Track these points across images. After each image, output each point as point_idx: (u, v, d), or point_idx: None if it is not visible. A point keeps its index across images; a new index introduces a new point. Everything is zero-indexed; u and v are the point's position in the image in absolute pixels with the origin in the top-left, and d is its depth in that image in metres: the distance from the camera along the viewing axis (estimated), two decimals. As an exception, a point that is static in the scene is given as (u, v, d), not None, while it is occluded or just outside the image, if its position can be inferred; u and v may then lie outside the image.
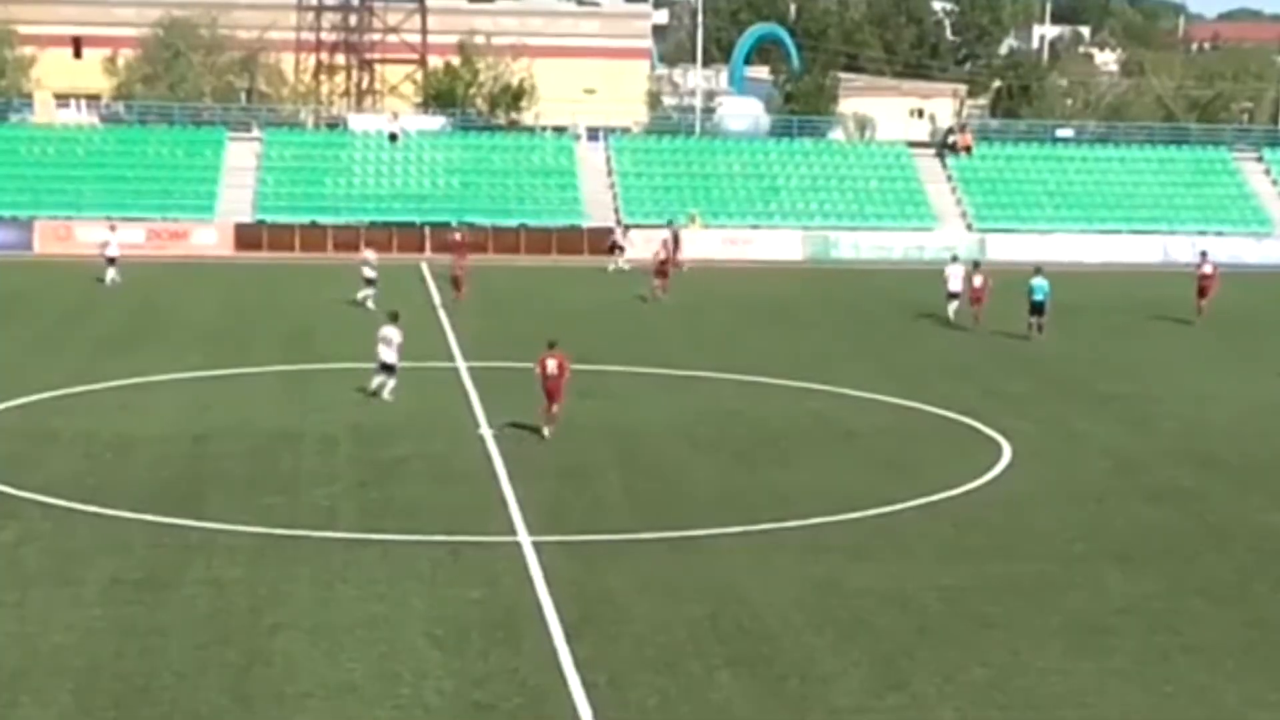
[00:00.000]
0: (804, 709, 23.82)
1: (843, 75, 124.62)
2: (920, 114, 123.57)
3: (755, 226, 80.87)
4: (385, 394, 43.56)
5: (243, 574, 29.02)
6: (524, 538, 31.49)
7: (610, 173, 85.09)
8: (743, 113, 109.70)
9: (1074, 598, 29.08)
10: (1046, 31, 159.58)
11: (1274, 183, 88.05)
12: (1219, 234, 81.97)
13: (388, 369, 43.69)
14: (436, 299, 63.17)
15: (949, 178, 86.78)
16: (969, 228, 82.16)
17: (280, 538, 31.29)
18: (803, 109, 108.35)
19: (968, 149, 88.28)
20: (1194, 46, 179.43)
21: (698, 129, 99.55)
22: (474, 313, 59.27)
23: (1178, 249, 79.72)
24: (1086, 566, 30.92)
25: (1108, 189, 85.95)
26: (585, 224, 79.72)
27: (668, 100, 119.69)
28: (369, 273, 61.80)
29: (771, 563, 30.47)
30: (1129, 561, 31.27)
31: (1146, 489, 36.84)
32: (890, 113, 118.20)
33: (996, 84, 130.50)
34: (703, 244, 78.11)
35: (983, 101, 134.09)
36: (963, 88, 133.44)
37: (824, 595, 28.70)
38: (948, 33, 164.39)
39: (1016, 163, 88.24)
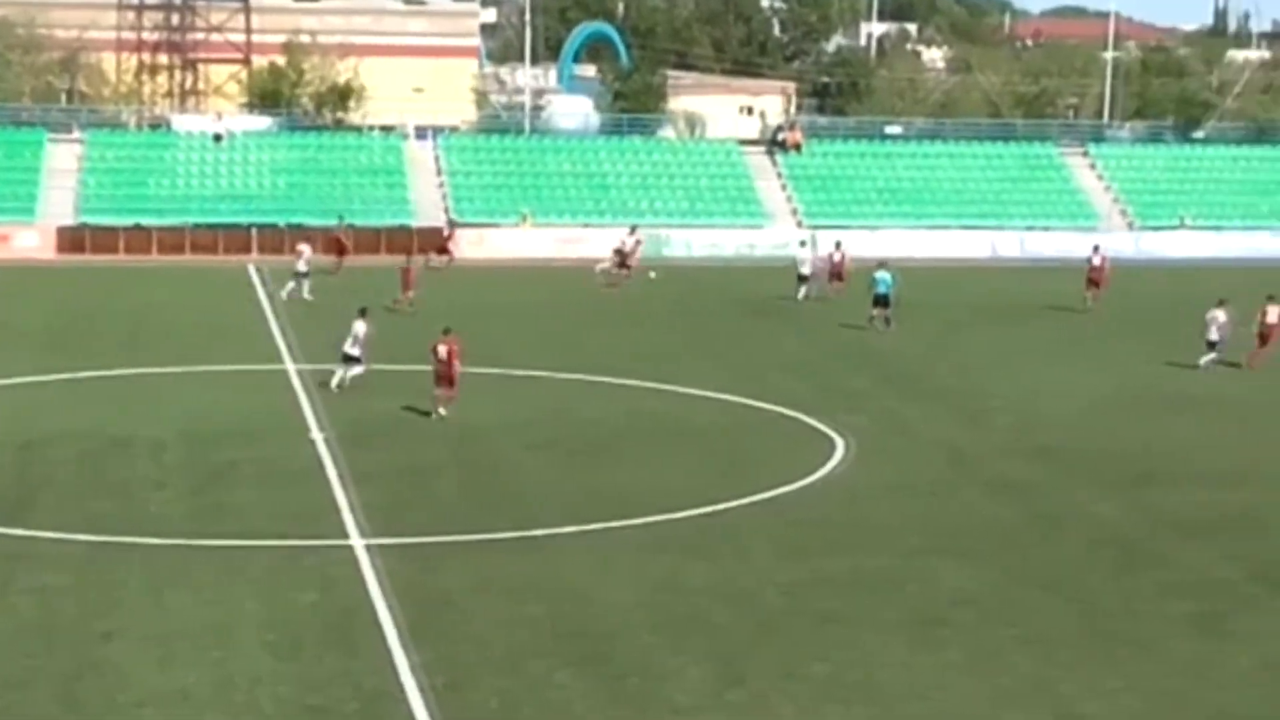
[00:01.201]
0: (644, 707, 23.68)
1: (672, 73, 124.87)
2: (750, 111, 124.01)
3: (587, 225, 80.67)
4: (335, 382, 44.36)
5: (71, 582, 28.41)
6: (358, 540, 31.13)
7: (440, 172, 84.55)
8: (572, 111, 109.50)
9: (911, 591, 29.20)
10: (874, 29, 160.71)
11: (1100, 178, 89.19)
12: (1046, 229, 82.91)
13: (350, 359, 44.25)
14: (264, 300, 62.39)
15: (779, 175, 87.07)
16: (800, 224, 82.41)
17: (110, 545, 30.69)
18: (633, 107, 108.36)
19: (797, 146, 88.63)
20: (1020, 43, 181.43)
21: (527, 127, 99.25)
22: (303, 314, 58.58)
23: (1006, 244, 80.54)
24: (923, 560, 31.05)
25: (936, 185, 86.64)
26: (414, 223, 79.10)
27: (496, 99, 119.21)
28: (301, 266, 62.04)
29: (610, 562, 30.32)
30: (964, 554, 31.44)
31: (981, 482, 37.11)
32: (720, 110, 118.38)
33: (825, 81, 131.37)
34: (535, 243, 77.86)
35: (813, 98, 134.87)
36: (792, 85, 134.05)
37: (663, 593, 28.60)
38: (776, 30, 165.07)
39: (846, 160, 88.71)
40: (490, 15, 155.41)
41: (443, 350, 41.85)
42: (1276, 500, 35.84)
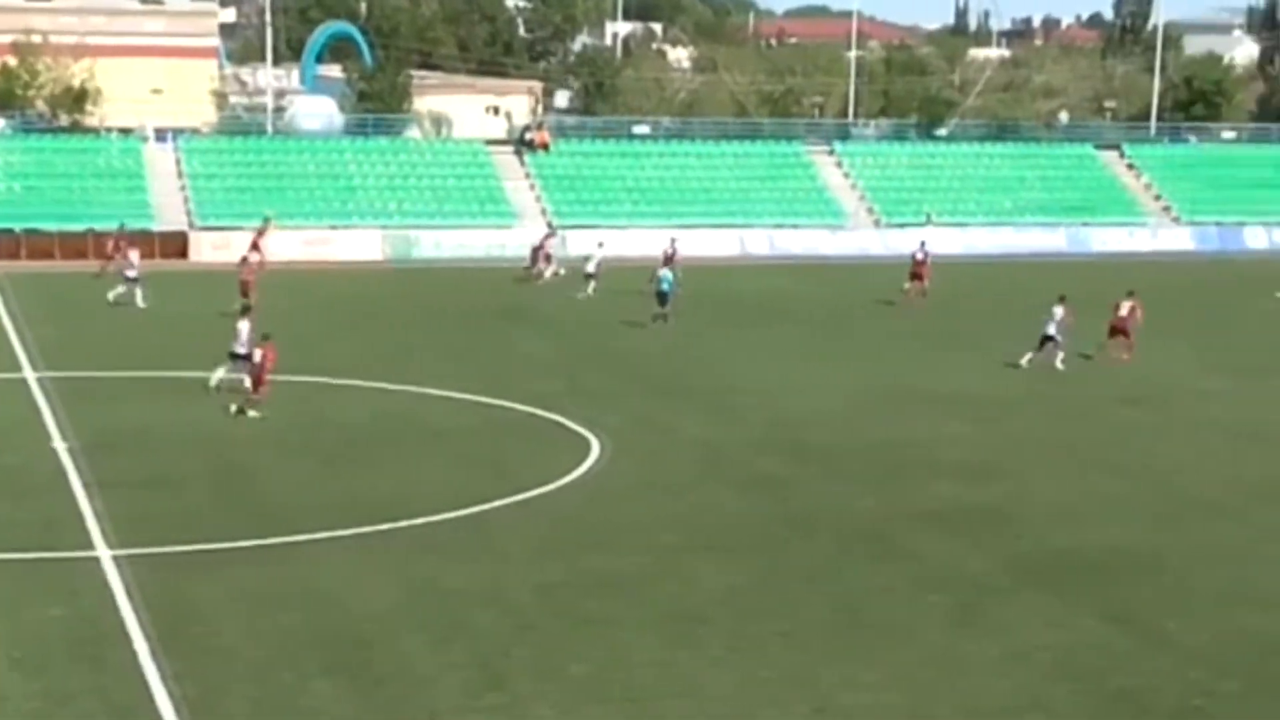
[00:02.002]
0: (402, 712, 23.44)
1: (417, 73, 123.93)
2: (496, 111, 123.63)
3: (334, 227, 79.72)
4: (214, 381, 44.24)
5: None
6: (104, 551, 30.36)
7: (181, 174, 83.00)
8: (316, 112, 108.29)
9: (668, 589, 29.18)
10: (620, 28, 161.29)
11: (846, 175, 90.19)
12: (795, 227, 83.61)
13: (236, 358, 43.88)
14: None
15: (528, 175, 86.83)
16: (550, 225, 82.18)
17: None
18: (377, 107, 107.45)
19: (545, 146, 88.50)
20: (765, 42, 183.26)
21: (270, 129, 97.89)
22: (42, 320, 57.13)
23: (755, 242, 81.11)
24: (679, 557, 31.06)
25: (685, 184, 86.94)
26: (155, 227, 77.53)
27: (237, 100, 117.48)
28: (130, 272, 60.78)
29: (365, 566, 29.91)
30: (721, 551, 31.51)
31: (736, 479, 37.24)
32: (466, 110, 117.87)
33: (572, 80, 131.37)
34: (281, 245, 76.77)
35: (559, 98, 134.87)
36: (538, 85, 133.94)
37: (420, 597, 28.29)
38: (521, 30, 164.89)
39: (594, 159, 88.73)
40: (230, 15, 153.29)
41: (257, 354, 42.41)
42: (1023, 494, 36.43)
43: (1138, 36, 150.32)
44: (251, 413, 42.04)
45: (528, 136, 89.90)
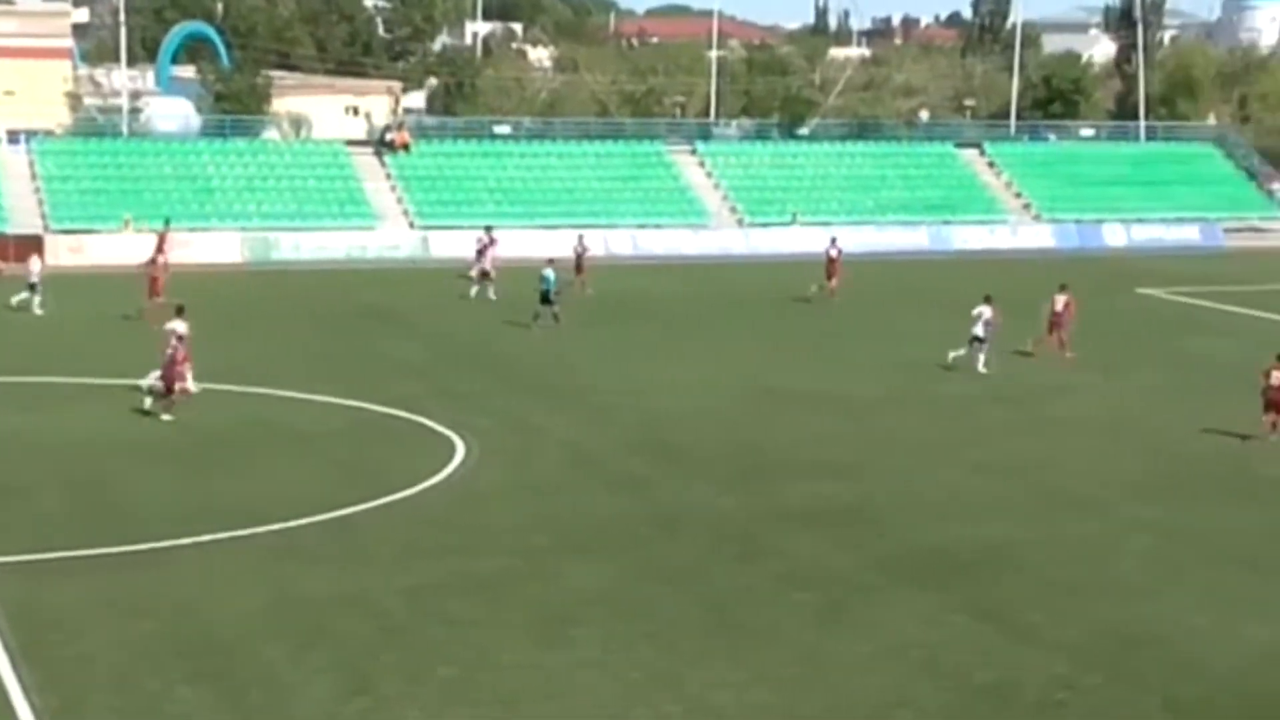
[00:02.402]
0: (267, 719, 23.15)
1: (275, 74, 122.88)
2: (356, 112, 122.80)
3: (192, 229, 78.73)
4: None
5: None
6: (-42, 561, 29.80)
7: (34, 177, 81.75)
8: (172, 113, 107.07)
9: (537, 590, 29.08)
10: (480, 28, 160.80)
11: (709, 175, 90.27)
12: (658, 226, 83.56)
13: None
14: None
15: (388, 175, 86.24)
16: (411, 225, 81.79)
17: None
18: (235, 108, 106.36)
19: (405, 146, 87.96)
20: (626, 42, 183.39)
21: (125, 130, 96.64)
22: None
23: (619, 243, 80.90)
24: (548, 559, 30.95)
25: (548, 184, 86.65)
26: (8, 230, 76.26)
27: (92, 101, 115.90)
28: (33, 278, 59.81)
29: (228, 573, 29.54)
30: (589, 552, 31.42)
31: (603, 479, 37.16)
32: (326, 111, 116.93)
33: (432, 81, 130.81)
34: (138, 249, 75.74)
35: (419, 99, 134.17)
36: (398, 85, 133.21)
37: (283, 603, 28.00)
38: (380, 30, 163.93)
39: (456, 160, 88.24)
40: (83, 15, 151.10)
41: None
42: (888, 491, 36.56)
43: (996, 35, 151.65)
44: (165, 416, 41.86)
45: (388, 137, 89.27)
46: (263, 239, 78.02)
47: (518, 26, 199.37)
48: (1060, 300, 53.47)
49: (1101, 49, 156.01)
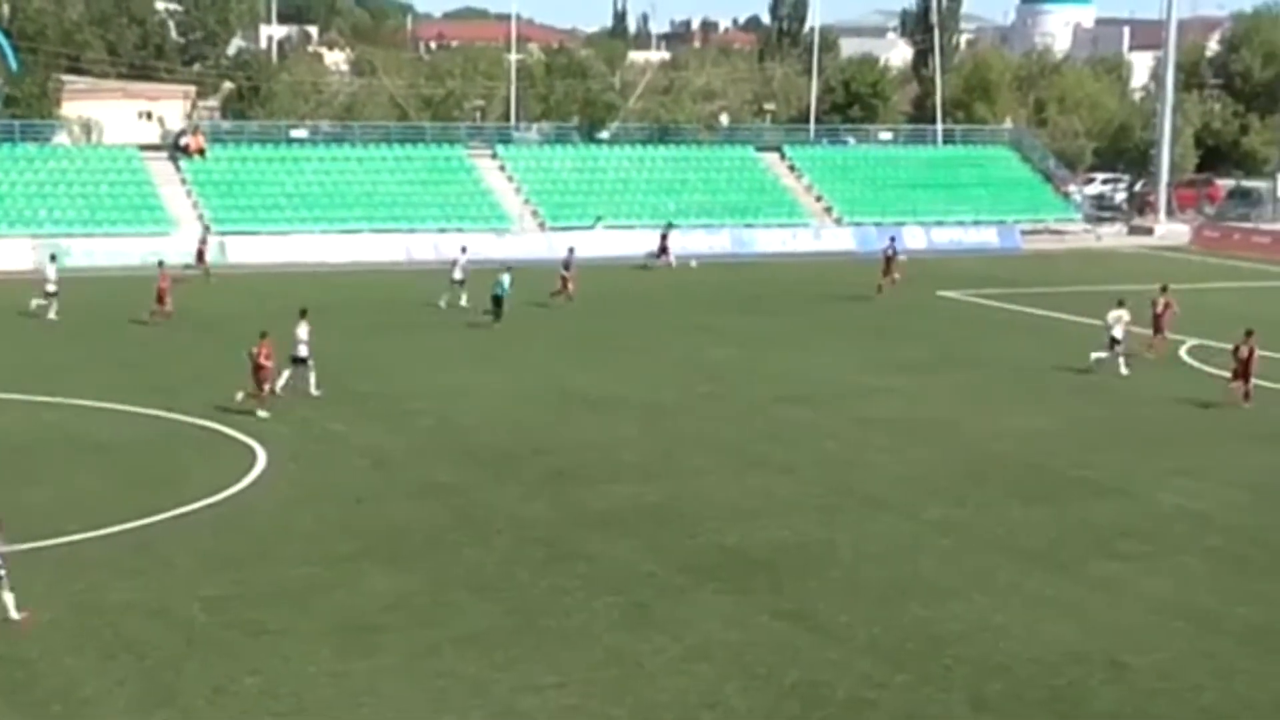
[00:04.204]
0: (68, 736, 22.68)
1: (65, 77, 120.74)
2: (149, 116, 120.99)
3: (-19, 236, 77.25)
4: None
5: None
6: None
7: None
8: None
9: (341, 598, 28.79)
10: (274, 31, 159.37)
11: (510, 179, 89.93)
12: (459, 230, 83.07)
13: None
14: None
15: (183, 181, 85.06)
16: (207, 229, 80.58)
17: None
18: (23, 113, 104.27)
19: (200, 151, 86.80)
20: (423, 45, 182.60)
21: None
22: None
23: (419, 247, 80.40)
24: (351, 566, 30.65)
25: (346, 189, 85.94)
26: None
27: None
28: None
29: (25, 585, 28.70)
30: (394, 559, 31.15)
31: (406, 485, 36.84)
32: (118, 115, 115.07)
33: (227, 85, 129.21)
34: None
35: (214, 103, 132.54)
36: (192, 89, 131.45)
37: (83, 614, 27.49)
38: (173, 33, 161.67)
39: (252, 164, 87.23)
40: None
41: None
42: (694, 493, 36.58)
43: (795, 39, 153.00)
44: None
45: (182, 142, 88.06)
46: (55, 245, 76.38)
47: (313, 30, 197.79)
48: (1160, 301, 54.89)
49: (899, 53, 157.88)
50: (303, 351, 46.11)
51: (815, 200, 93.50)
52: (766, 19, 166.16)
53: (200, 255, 72.06)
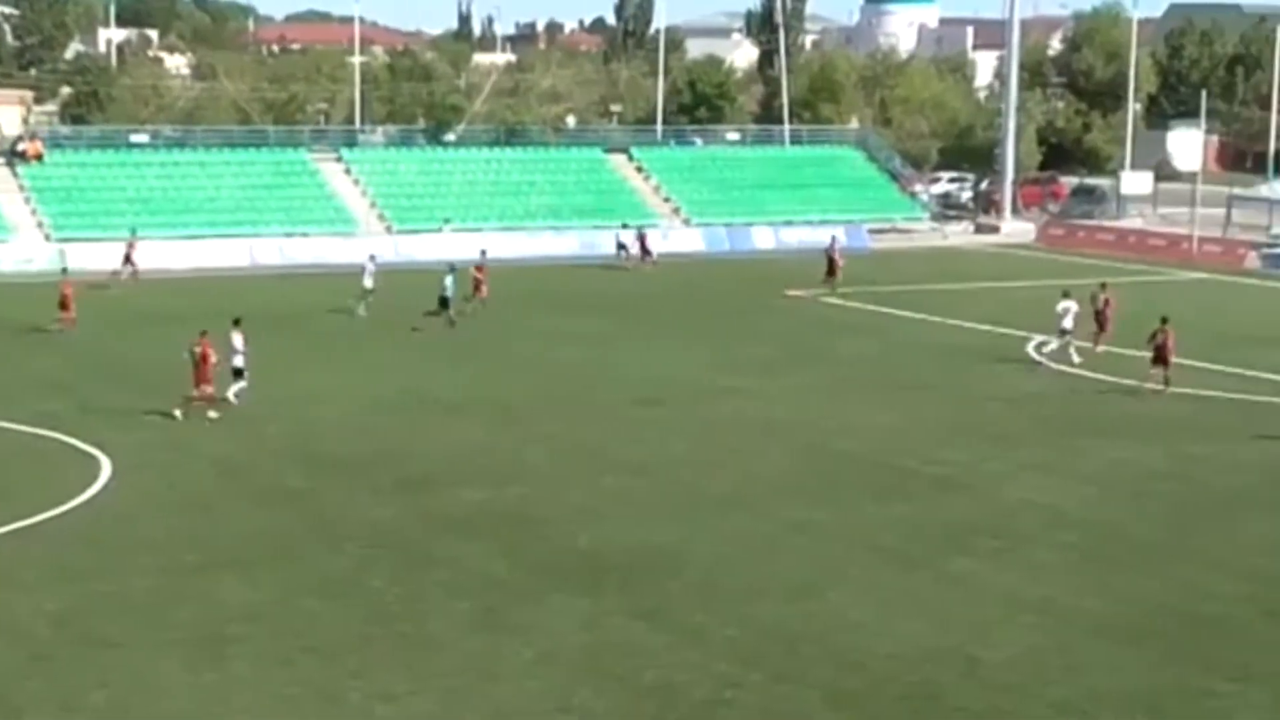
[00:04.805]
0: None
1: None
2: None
3: None
4: None
5: None
6: None
7: None
8: None
9: (190, 609, 28.38)
10: (113, 35, 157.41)
11: (356, 183, 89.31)
12: (305, 235, 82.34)
13: None
14: None
15: (21, 187, 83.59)
16: (47, 238, 79.42)
17: None
18: None
19: (38, 157, 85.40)
20: (265, 48, 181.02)
21: None
22: None
23: (264, 252, 79.53)
24: (201, 576, 30.23)
25: (189, 193, 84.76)
26: None
27: None
28: None
29: None
30: (244, 567, 30.74)
31: (255, 493, 36.39)
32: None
33: (65, 90, 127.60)
34: None
35: (52, 108, 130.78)
36: (29, 94, 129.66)
37: (-78, 631, 26.81)
38: (9, 37, 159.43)
39: (92, 170, 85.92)
40: None
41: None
42: (546, 496, 36.42)
43: (640, 40, 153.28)
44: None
45: (19, 147, 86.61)
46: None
47: (153, 33, 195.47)
48: (1102, 298, 55.32)
49: (744, 54, 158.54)
50: (239, 361, 45.30)
51: (663, 201, 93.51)
52: (612, 20, 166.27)
53: (128, 257, 71.22)
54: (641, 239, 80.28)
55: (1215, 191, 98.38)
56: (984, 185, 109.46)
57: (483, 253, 66.84)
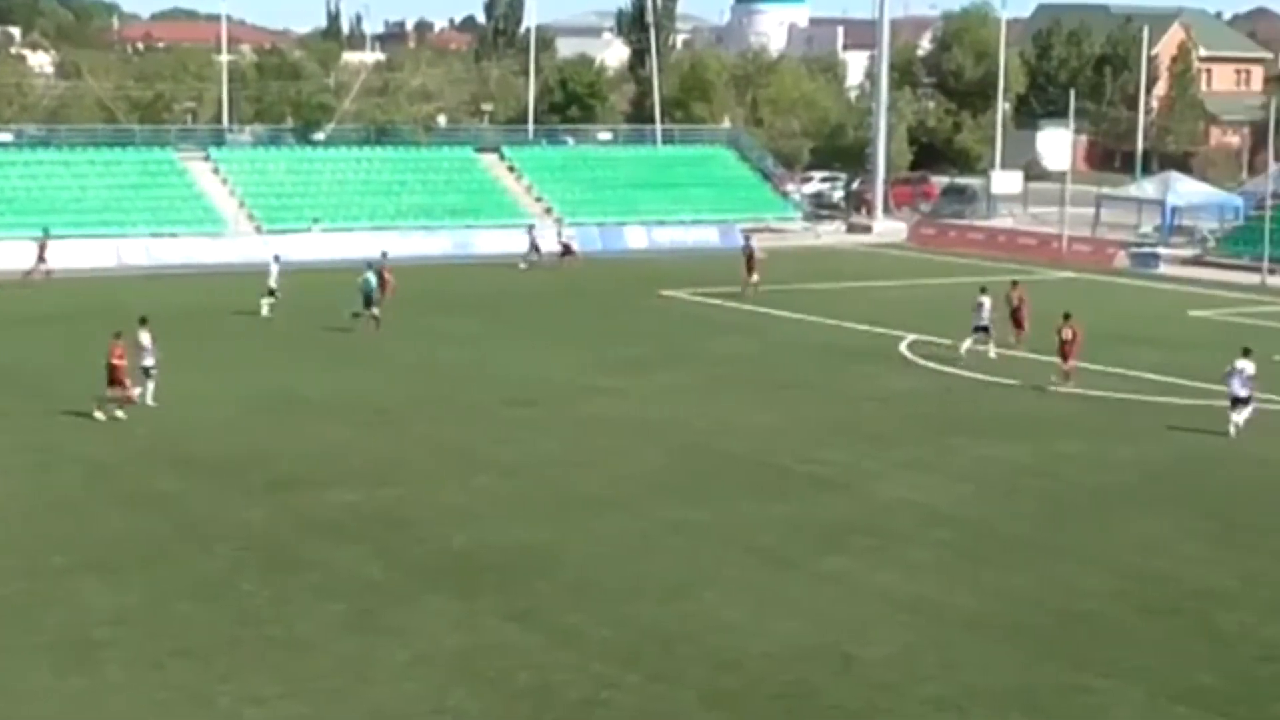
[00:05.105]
0: None
1: None
2: None
3: None
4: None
5: None
6: None
7: None
8: None
9: (57, 613, 27.94)
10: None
11: (224, 182, 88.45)
12: (173, 235, 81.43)
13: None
14: None
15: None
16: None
17: None
18: None
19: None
20: (131, 47, 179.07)
21: None
22: None
23: (131, 253, 78.51)
24: (67, 579, 29.79)
25: (54, 193, 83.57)
26: None
27: None
28: None
29: None
30: (111, 571, 30.32)
31: (124, 495, 35.86)
32: None
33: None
34: None
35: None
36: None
37: None
38: None
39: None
40: None
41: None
42: (419, 497, 36.15)
43: (511, 39, 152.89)
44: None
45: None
46: None
47: (16, 30, 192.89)
48: (1015, 295, 56.07)
49: (615, 53, 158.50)
50: (149, 361, 44.66)
51: (536, 201, 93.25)
52: (482, 19, 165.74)
53: (41, 255, 70.37)
54: (562, 237, 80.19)
55: (1084, 191, 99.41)
56: (856, 185, 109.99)
57: (384, 254, 66.13)
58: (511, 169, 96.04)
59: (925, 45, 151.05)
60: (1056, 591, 30.14)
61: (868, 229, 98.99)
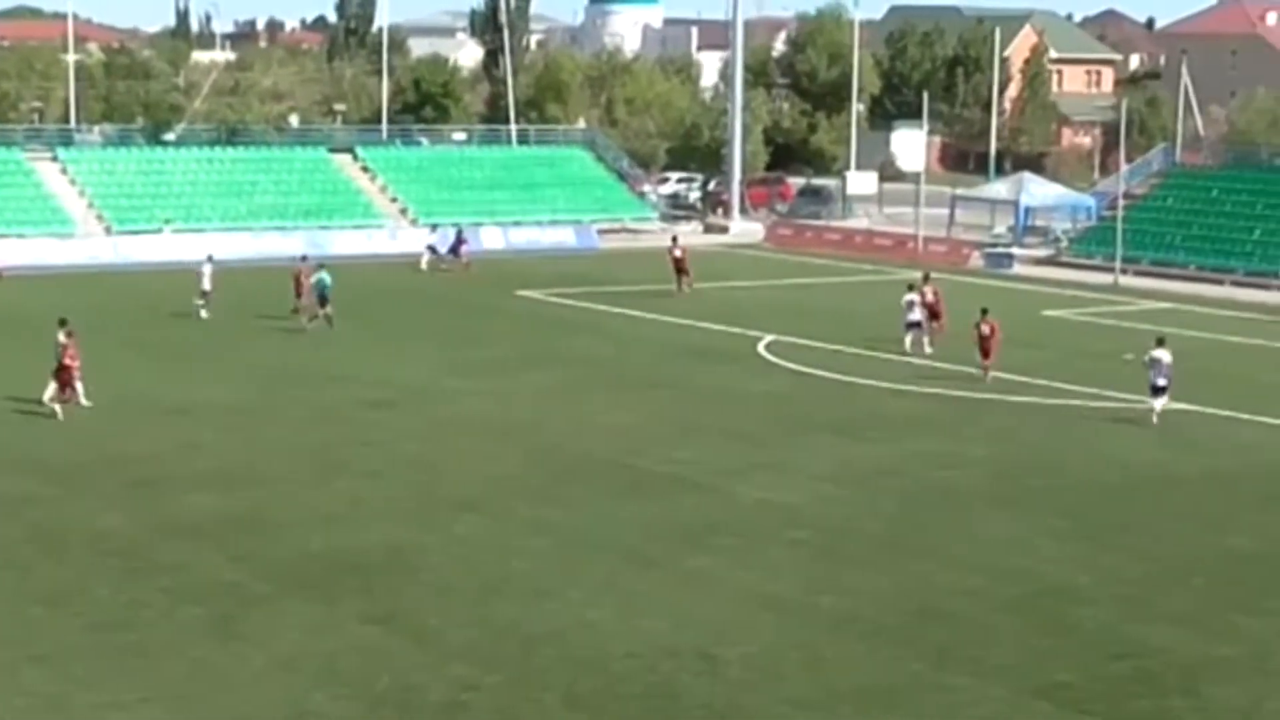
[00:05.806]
0: None
1: None
2: None
3: None
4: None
5: None
6: None
7: None
8: None
9: (-93, 622, 27.34)
10: None
11: (72, 183, 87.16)
12: (20, 236, 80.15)
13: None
14: None
15: None
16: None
17: None
18: None
19: None
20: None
21: None
22: None
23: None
24: (-84, 586, 29.14)
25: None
26: None
27: None
28: None
29: None
30: (-43, 576, 29.77)
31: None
32: None
33: None
34: None
35: None
36: None
37: None
38: None
39: None
40: None
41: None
42: (278, 500, 35.79)
43: (362, 39, 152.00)
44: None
45: None
46: None
47: None
48: (929, 290, 56.33)
49: (469, 53, 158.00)
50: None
51: (390, 201, 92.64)
52: (333, 18, 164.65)
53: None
54: (459, 239, 79.90)
55: (939, 192, 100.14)
56: (712, 185, 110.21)
57: (304, 258, 65.28)
58: (365, 169, 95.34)
59: (780, 46, 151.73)
60: (917, 590, 30.30)
61: (724, 230, 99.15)
